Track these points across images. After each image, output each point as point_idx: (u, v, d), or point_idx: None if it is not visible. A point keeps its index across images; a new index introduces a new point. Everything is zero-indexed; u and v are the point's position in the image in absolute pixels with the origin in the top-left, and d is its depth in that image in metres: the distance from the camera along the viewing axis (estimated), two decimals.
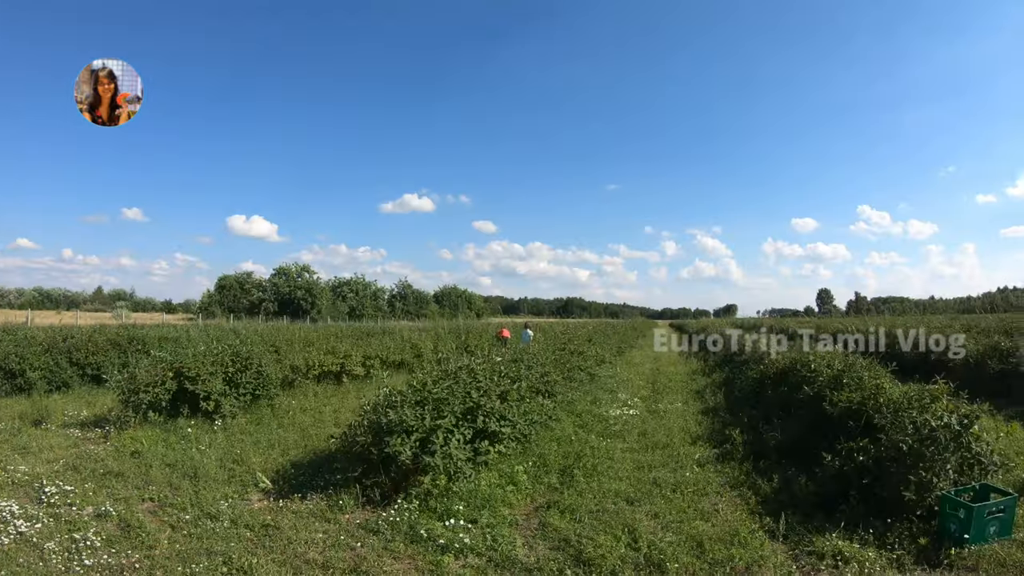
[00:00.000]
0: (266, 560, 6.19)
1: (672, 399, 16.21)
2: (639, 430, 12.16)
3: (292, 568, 6.09)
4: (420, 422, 7.99)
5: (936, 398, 7.62)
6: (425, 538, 6.68)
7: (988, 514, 6.37)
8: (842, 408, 8.71)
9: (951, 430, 7.02)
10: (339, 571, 6.03)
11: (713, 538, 6.68)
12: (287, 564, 6.16)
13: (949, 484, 6.86)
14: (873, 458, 7.19)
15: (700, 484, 8.61)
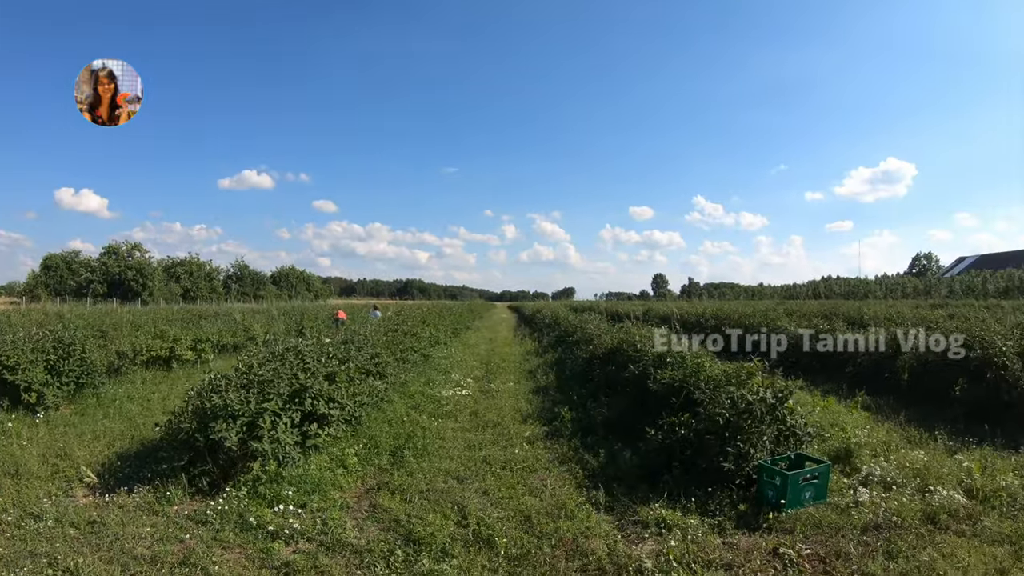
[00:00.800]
0: (93, 559, 5.97)
1: (505, 379, 16.60)
2: (471, 410, 12.42)
3: (120, 565, 5.88)
4: (245, 406, 7.85)
5: (752, 375, 8.12)
6: (255, 526, 6.61)
7: (803, 481, 6.90)
8: (665, 385, 9.15)
9: (766, 404, 7.60)
10: (168, 565, 5.87)
11: (541, 512, 6.94)
12: (114, 561, 5.95)
13: (766, 454, 7.43)
14: (694, 431, 7.63)
15: (530, 461, 8.90)
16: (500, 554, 6.00)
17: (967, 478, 7.66)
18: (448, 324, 30.69)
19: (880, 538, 6.21)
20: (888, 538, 6.19)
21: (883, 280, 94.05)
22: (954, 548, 6.00)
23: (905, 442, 9.48)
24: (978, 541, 6.20)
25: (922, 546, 6.04)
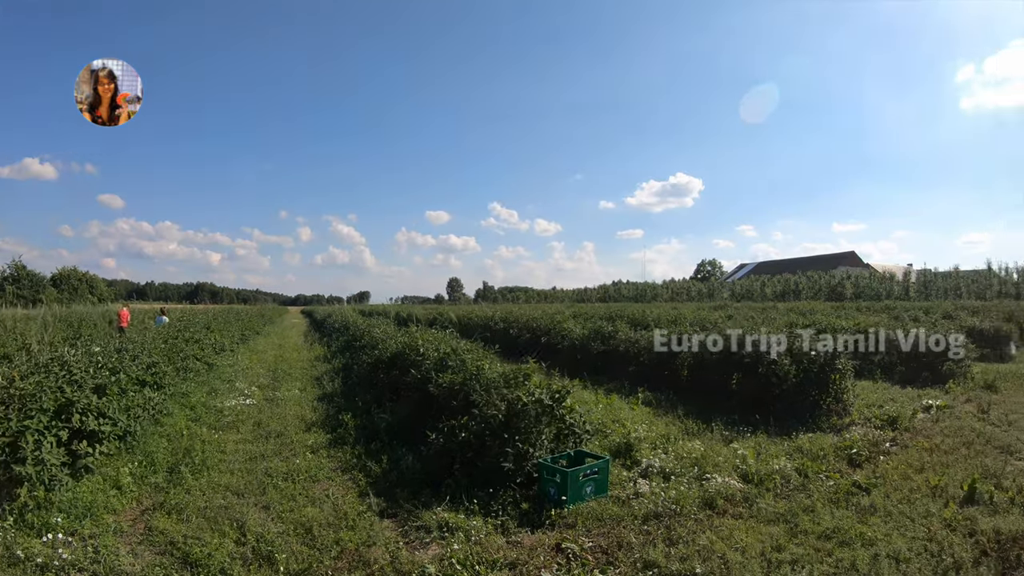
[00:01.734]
0: None
1: (291, 386, 16.17)
2: (255, 420, 11.97)
3: None
4: (5, 424, 7.18)
5: (528, 376, 8.32)
6: (23, 559, 6.05)
7: (583, 476, 7.11)
8: (445, 388, 9.19)
9: (543, 404, 7.81)
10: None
11: (323, 523, 6.78)
12: None
13: (546, 452, 7.64)
14: (474, 433, 7.69)
15: (312, 471, 8.66)
16: (280, 570, 5.81)
17: (742, 464, 8.22)
18: (236, 330, 29.51)
19: (661, 526, 6.49)
20: (668, 525, 6.48)
21: (670, 284, 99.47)
22: (732, 530, 6.38)
23: (684, 434, 10.02)
24: (755, 521, 6.64)
25: (701, 531, 6.36)
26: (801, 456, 8.73)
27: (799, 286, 79.17)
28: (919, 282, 74.40)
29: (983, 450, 9.12)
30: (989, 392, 13.61)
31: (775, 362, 11.32)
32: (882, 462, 8.60)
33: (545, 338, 19.86)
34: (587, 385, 14.42)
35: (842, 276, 78.91)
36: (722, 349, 12.65)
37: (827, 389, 11.15)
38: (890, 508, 6.90)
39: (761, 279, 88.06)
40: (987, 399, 12.49)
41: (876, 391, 13.65)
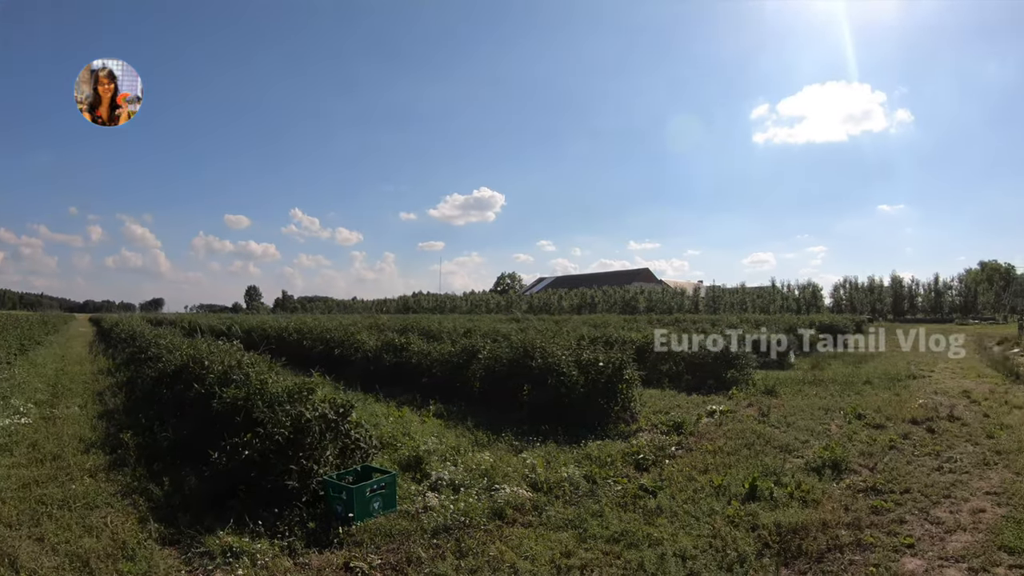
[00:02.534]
0: None
1: (71, 403, 14.97)
2: (30, 441, 10.93)
3: None
4: None
5: (312, 390, 8.04)
6: None
7: (370, 492, 6.93)
8: (229, 404, 8.75)
9: (327, 420, 7.61)
10: None
11: (101, 554, 6.25)
12: None
13: (332, 469, 7.45)
14: (258, 451, 7.34)
15: (91, 496, 7.98)
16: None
17: (531, 473, 8.29)
18: (13, 340, 27.35)
19: (450, 539, 6.41)
20: (458, 538, 6.40)
21: (469, 296, 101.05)
22: (521, 539, 6.38)
23: (475, 445, 10.01)
24: (544, 529, 6.68)
25: (491, 541, 6.33)
26: (590, 463, 8.91)
27: (595, 299, 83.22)
28: (708, 297, 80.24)
29: (763, 450, 9.75)
30: (770, 397, 14.59)
31: (564, 372, 11.58)
32: (668, 465, 8.95)
33: (339, 350, 19.53)
34: (380, 398, 14.24)
35: (636, 291, 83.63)
36: (515, 359, 12.78)
37: (615, 398, 11.61)
38: (676, 509, 7.15)
39: (559, 292, 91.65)
40: (767, 403, 13.45)
41: (664, 399, 14.39)
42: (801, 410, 13.01)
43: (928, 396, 14.82)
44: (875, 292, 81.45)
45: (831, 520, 6.86)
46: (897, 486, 8.25)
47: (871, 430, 11.36)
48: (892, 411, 12.81)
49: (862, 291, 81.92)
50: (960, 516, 7.32)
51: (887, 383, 16.92)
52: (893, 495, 7.91)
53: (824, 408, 13.26)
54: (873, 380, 17.26)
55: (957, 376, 19.58)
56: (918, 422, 11.94)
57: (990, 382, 17.84)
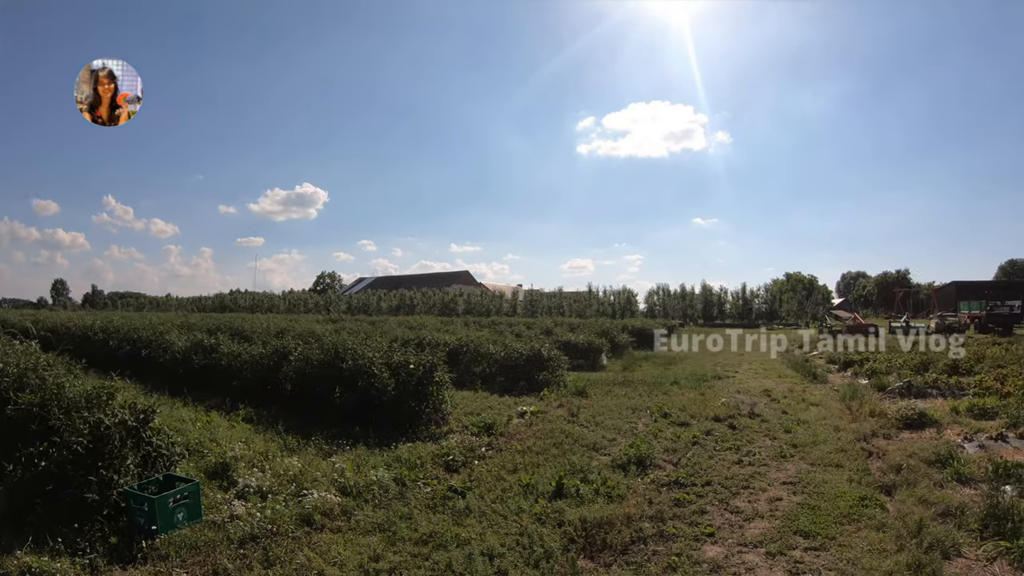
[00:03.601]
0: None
1: None
2: None
3: None
4: None
5: (112, 395, 7.73)
6: None
7: (173, 502, 6.75)
8: (23, 411, 8.30)
9: (127, 427, 7.33)
10: None
11: None
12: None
13: (133, 479, 7.14)
14: (56, 462, 7.00)
15: None
16: None
17: (340, 477, 8.27)
18: None
19: (258, 548, 6.35)
20: (266, 547, 6.35)
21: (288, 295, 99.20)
22: (330, 545, 6.41)
23: (284, 450, 9.87)
24: (353, 534, 6.72)
25: (299, 548, 6.31)
26: (400, 466, 9.00)
27: (414, 301, 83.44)
28: (526, 300, 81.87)
29: (572, 449, 10.10)
30: (580, 398, 15.09)
31: (375, 375, 11.59)
32: (478, 466, 9.17)
33: (147, 351, 18.68)
34: (188, 402, 13.68)
35: (455, 293, 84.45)
36: (324, 361, 12.66)
37: (426, 400, 11.79)
38: (484, 508, 7.35)
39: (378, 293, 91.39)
40: (578, 404, 13.94)
41: (476, 400, 14.67)
42: (610, 410, 13.57)
43: (731, 395, 15.80)
44: (687, 299, 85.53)
45: (635, 514, 7.21)
46: (699, 479, 8.79)
47: (676, 427, 12.02)
48: (697, 409, 13.57)
49: (675, 297, 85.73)
50: (758, 505, 7.89)
51: (694, 383, 17.89)
52: (695, 488, 8.43)
53: (632, 408, 13.88)
54: (680, 381, 18.21)
55: (760, 377, 21.06)
56: (721, 419, 12.74)
57: (790, 382, 19.39)
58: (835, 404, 14.91)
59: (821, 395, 16.40)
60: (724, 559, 6.35)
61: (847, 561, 6.35)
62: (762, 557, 6.44)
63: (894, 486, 8.63)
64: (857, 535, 7.01)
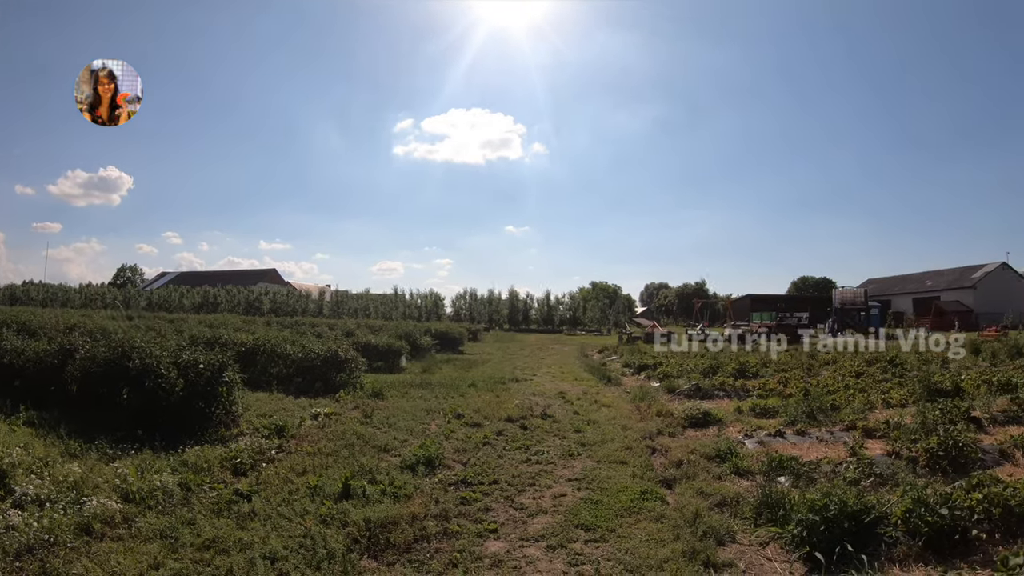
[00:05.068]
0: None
1: None
2: None
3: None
4: None
5: None
6: None
7: None
8: None
9: None
10: None
11: None
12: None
13: None
14: None
15: None
16: None
17: (122, 483, 8.14)
18: None
19: (35, 560, 6.19)
20: (43, 559, 6.20)
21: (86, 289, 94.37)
22: (109, 554, 6.34)
23: (65, 455, 9.57)
24: (134, 542, 6.66)
25: (77, 559, 6.22)
26: (186, 470, 8.92)
27: (219, 299, 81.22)
28: (333, 301, 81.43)
29: (363, 450, 10.39)
30: (376, 399, 15.45)
31: (162, 374, 11.36)
32: (266, 469, 9.24)
33: None
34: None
35: (261, 292, 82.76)
36: (111, 360, 12.31)
37: (216, 401, 11.64)
38: (270, 512, 7.47)
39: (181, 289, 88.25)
40: (373, 405, 14.29)
41: (271, 402, 14.64)
42: (404, 411, 13.99)
43: (526, 397, 16.61)
44: (494, 304, 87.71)
45: (420, 513, 7.53)
46: (487, 478, 9.23)
47: (468, 428, 12.50)
48: (491, 411, 14.14)
49: (482, 302, 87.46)
50: (543, 501, 8.36)
51: (491, 386, 18.59)
52: (482, 486, 8.85)
53: (427, 409, 14.34)
54: (478, 383, 18.86)
55: (556, 379, 22.15)
56: (513, 420, 13.33)
57: (585, 384, 20.50)
58: (626, 405, 15.87)
59: (613, 397, 17.44)
60: (506, 553, 6.72)
61: (625, 551, 6.82)
62: (543, 550, 6.85)
63: (675, 480, 9.32)
64: (637, 527, 7.54)
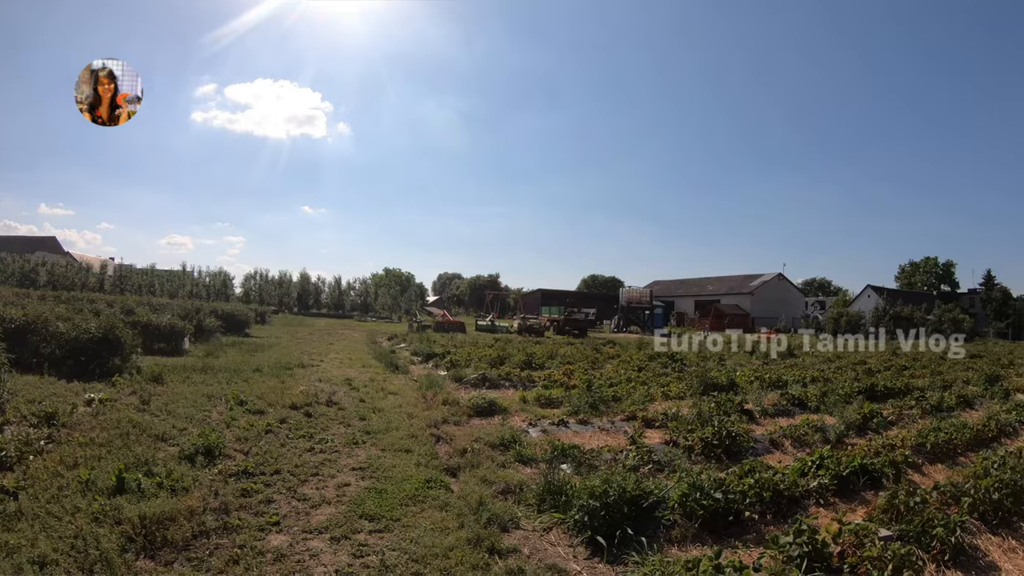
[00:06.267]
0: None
1: None
2: None
3: None
4: None
5: None
6: None
7: None
8: None
9: None
10: None
11: None
12: None
13: None
14: None
15: None
16: None
17: None
18: None
19: None
20: None
21: None
22: None
23: None
24: None
25: None
26: None
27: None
28: (116, 276, 76.73)
29: (139, 439, 9.89)
30: (155, 384, 14.78)
31: None
32: (34, 462, 8.58)
33: None
34: None
35: (37, 262, 76.23)
36: None
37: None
38: (38, 510, 7.00)
39: None
40: (151, 391, 13.67)
41: (41, 386, 13.57)
42: (185, 397, 13.47)
43: (312, 383, 16.49)
44: (284, 286, 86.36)
45: (199, 507, 7.34)
46: (269, 468, 9.12)
47: (251, 416, 12.26)
48: (275, 397, 13.95)
49: (272, 284, 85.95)
50: (326, 491, 8.38)
51: (276, 371, 18.35)
52: (264, 477, 8.75)
53: (209, 395, 13.92)
54: (264, 368, 18.59)
55: (344, 366, 22.14)
56: (297, 407, 13.21)
57: (373, 372, 20.64)
58: (413, 393, 16.09)
59: (400, 385, 17.67)
60: (288, 547, 6.68)
61: (410, 540, 6.96)
62: (327, 543, 6.87)
63: (459, 468, 9.56)
64: (421, 515, 7.71)
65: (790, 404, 16.42)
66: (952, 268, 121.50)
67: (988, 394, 20.17)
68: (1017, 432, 14.39)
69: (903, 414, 15.47)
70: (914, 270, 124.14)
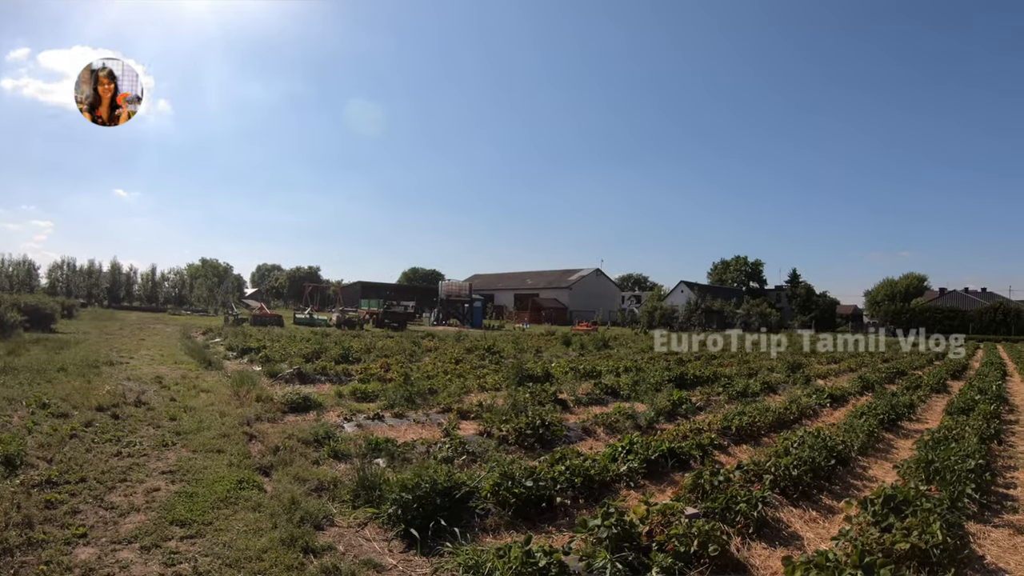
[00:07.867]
0: None
1: None
2: None
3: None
4: None
5: None
6: None
7: None
8: None
9: None
10: None
11: None
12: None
13: None
14: None
15: None
16: None
17: None
18: None
19: None
20: None
21: None
22: None
23: None
24: None
25: None
26: None
27: None
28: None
29: None
30: None
31: None
32: None
33: None
34: None
35: None
36: None
37: None
38: None
39: None
40: None
41: None
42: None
43: (119, 382, 16.04)
44: (94, 277, 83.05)
45: (0, 522, 7.11)
46: (74, 476, 8.89)
47: (55, 419, 11.81)
48: (80, 399, 13.44)
49: (81, 274, 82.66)
50: (135, 498, 8.29)
51: (82, 370, 17.61)
52: (69, 486, 8.52)
53: (9, 398, 13.28)
54: (69, 367, 17.81)
55: (155, 363, 21.53)
56: (104, 409, 12.82)
57: (185, 368, 20.17)
58: (226, 390, 15.87)
59: (214, 381, 17.39)
60: (97, 560, 6.59)
61: (223, 544, 7.00)
62: (137, 553, 6.81)
63: (272, 467, 9.64)
64: (234, 518, 7.76)
65: (603, 393, 17.45)
66: (760, 267, 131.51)
67: (791, 380, 22.23)
68: (817, 414, 15.83)
69: (711, 400, 16.90)
70: (725, 267, 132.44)
